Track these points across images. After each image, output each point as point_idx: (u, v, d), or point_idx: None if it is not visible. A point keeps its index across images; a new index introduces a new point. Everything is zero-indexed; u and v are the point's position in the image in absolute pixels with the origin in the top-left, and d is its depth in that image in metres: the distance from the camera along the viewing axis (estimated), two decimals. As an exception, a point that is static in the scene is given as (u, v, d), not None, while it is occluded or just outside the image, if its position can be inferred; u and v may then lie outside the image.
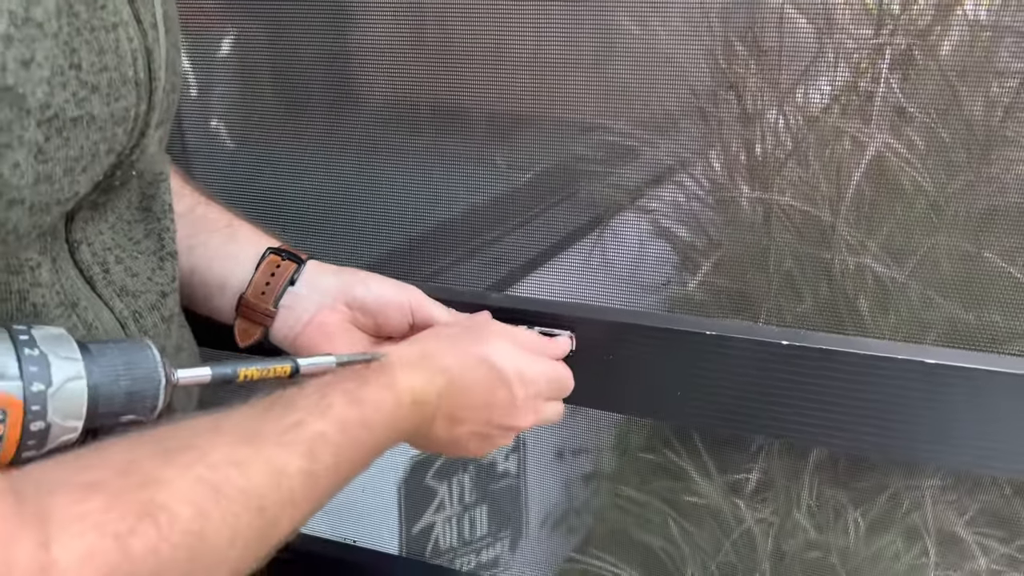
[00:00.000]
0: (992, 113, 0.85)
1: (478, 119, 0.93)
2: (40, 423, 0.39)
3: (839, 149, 0.90)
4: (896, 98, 0.86)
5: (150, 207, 0.52)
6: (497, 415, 0.59)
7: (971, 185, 0.88)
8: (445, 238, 0.94)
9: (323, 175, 0.95)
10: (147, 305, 0.52)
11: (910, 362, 0.64)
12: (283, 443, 0.43)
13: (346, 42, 0.92)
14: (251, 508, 0.40)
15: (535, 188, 0.94)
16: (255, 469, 0.41)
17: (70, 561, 0.32)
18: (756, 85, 0.88)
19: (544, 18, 0.84)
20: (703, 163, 0.94)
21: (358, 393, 0.49)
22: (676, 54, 0.84)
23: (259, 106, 0.97)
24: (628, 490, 1.12)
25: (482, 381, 0.58)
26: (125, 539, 0.34)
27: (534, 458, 1.15)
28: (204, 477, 0.39)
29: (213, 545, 0.38)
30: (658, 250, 0.97)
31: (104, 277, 0.49)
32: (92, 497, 0.34)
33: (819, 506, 1.08)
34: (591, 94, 0.91)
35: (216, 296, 0.64)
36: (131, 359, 0.43)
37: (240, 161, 0.99)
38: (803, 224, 0.92)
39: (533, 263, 0.95)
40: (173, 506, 0.36)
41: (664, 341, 0.69)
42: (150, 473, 0.37)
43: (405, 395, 0.52)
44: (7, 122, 0.36)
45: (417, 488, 1.14)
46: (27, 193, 0.38)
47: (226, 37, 0.92)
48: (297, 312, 0.63)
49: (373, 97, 0.96)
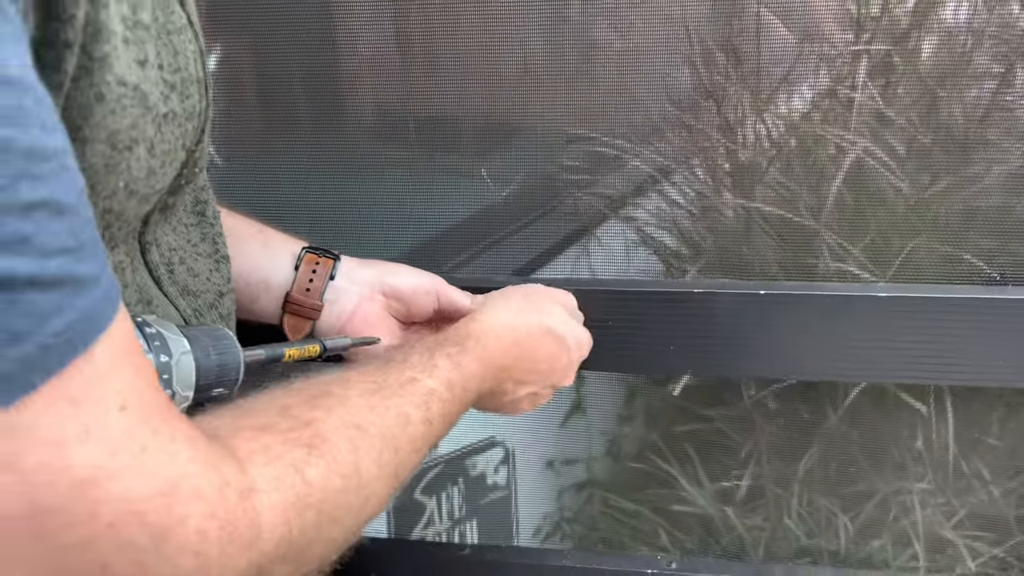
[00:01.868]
0: (970, 116, 0.87)
1: (464, 132, 0.94)
2: (168, 391, 0.44)
3: (821, 155, 0.91)
4: (876, 103, 0.87)
5: (204, 212, 0.56)
6: (556, 377, 0.68)
7: (951, 187, 0.89)
8: (425, 255, 0.94)
9: (313, 190, 0.95)
10: (206, 304, 0.56)
11: (864, 298, 0.78)
12: (403, 394, 0.49)
13: (336, 59, 0.93)
14: (388, 447, 0.45)
15: (518, 201, 0.95)
16: (387, 414, 0.47)
17: (265, 484, 0.37)
18: (736, 93, 0.89)
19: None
20: (686, 171, 0.95)
21: (458, 358, 0.56)
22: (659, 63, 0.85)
23: (248, 121, 0.97)
24: (619, 499, 1.12)
25: (548, 348, 0.66)
26: (302, 468, 0.39)
27: (524, 470, 1.15)
28: (346, 418, 0.44)
29: (365, 475, 0.43)
30: (643, 259, 0.98)
31: (169, 277, 0.52)
32: (266, 435, 0.40)
33: (809, 512, 1.08)
34: (574, 106, 0.92)
35: (262, 297, 0.68)
36: (217, 339, 0.49)
37: (229, 177, 0.99)
38: (785, 230, 0.93)
39: (520, 273, 0.95)
40: (333, 439, 0.42)
41: (657, 303, 0.80)
42: (304, 415, 0.42)
43: (492, 362, 0.60)
44: (136, 119, 0.40)
45: (406, 503, 1.13)
46: (140, 185, 0.42)
47: (215, 53, 0.93)
48: (341, 304, 0.68)
49: (360, 114, 0.97)
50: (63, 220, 0.30)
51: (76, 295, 0.31)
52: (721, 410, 1.05)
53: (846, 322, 0.78)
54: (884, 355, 0.79)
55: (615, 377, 1.09)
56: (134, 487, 0.32)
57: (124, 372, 0.33)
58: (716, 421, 1.06)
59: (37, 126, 0.30)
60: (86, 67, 0.36)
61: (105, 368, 0.32)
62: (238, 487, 0.36)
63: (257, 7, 0.89)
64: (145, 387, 0.34)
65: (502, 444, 1.15)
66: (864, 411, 1.01)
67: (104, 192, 0.41)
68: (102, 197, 0.41)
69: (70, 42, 0.35)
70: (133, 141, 0.40)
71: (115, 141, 0.39)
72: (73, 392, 0.31)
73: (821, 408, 1.02)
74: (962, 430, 0.99)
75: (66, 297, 0.30)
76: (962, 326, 0.77)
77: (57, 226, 0.30)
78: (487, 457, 1.15)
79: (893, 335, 0.78)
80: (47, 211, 0.30)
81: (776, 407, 1.03)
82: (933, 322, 0.77)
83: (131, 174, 0.41)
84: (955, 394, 0.96)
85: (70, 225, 0.31)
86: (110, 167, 0.40)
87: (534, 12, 0.85)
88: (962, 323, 0.77)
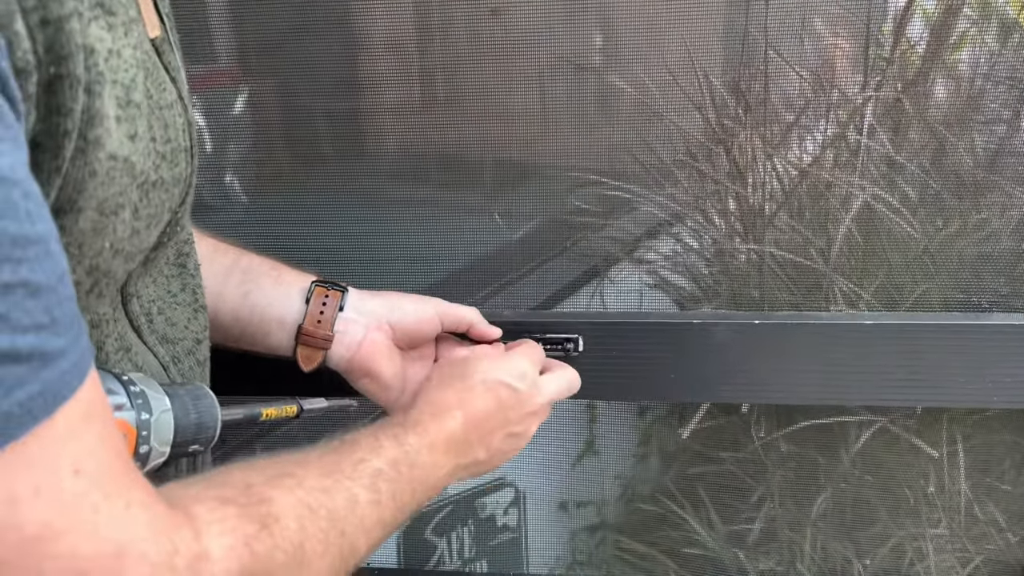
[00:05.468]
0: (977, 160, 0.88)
1: (481, 173, 0.96)
2: (145, 447, 0.47)
3: (831, 199, 0.92)
4: (885, 149, 0.88)
5: (185, 264, 0.59)
6: (514, 413, 0.68)
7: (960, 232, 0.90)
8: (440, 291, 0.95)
9: (324, 229, 0.97)
10: (184, 351, 0.59)
11: (852, 326, 0.84)
12: (353, 476, 0.51)
13: (355, 98, 0.95)
14: (336, 528, 0.48)
15: (532, 241, 0.96)
16: (337, 496, 0.49)
17: (217, 553, 0.40)
18: (746, 137, 0.90)
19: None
20: (699, 215, 0.96)
21: (402, 437, 0.58)
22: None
23: (271, 160, 0.99)
24: (630, 542, 1.11)
25: (486, 396, 0.67)
26: (252, 542, 0.42)
27: (534, 511, 1.15)
28: (303, 499, 0.47)
29: (309, 554, 0.45)
30: (656, 302, 0.99)
31: (149, 326, 0.55)
32: (225, 508, 0.42)
33: (823, 557, 1.07)
34: (590, 149, 0.93)
35: (275, 332, 0.71)
36: (197, 398, 0.52)
37: (234, 219, 1.01)
38: (796, 273, 0.94)
39: (532, 313, 0.96)
40: (283, 519, 0.44)
41: (658, 334, 0.85)
42: (264, 493, 0.45)
43: (438, 436, 0.61)
44: (124, 187, 0.43)
45: (416, 543, 1.13)
46: (125, 244, 0.46)
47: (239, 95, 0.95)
48: (351, 334, 0.71)
49: (379, 152, 0.99)
50: (39, 299, 0.33)
51: (43, 368, 0.33)
52: (733, 452, 1.05)
53: (838, 349, 0.84)
54: (872, 379, 0.84)
55: (627, 419, 1.09)
56: (80, 546, 0.35)
57: (84, 437, 0.36)
58: (728, 463, 1.05)
59: (23, 217, 0.33)
60: (82, 148, 0.40)
61: (63, 434, 0.35)
62: (188, 555, 0.38)
63: (283, 48, 0.91)
64: (105, 452, 0.37)
65: (512, 485, 1.15)
66: (876, 454, 1.00)
67: (91, 252, 0.44)
68: (89, 257, 0.44)
69: (68, 131, 0.39)
70: (119, 206, 0.44)
71: (103, 208, 0.43)
72: (30, 455, 0.33)
73: (834, 450, 1.02)
74: (975, 475, 0.98)
75: (33, 370, 0.33)
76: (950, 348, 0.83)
77: (32, 304, 0.33)
78: (497, 498, 1.15)
79: (876, 357, 0.83)
80: (24, 291, 0.33)
81: (788, 449, 1.03)
82: (931, 346, 0.83)
83: (116, 235, 0.45)
84: (967, 438, 0.96)
85: (45, 303, 0.33)
86: (97, 230, 0.43)
87: (552, 61, 0.87)
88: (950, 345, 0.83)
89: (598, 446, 1.10)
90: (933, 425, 0.97)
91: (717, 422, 1.02)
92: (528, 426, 0.70)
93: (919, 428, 0.97)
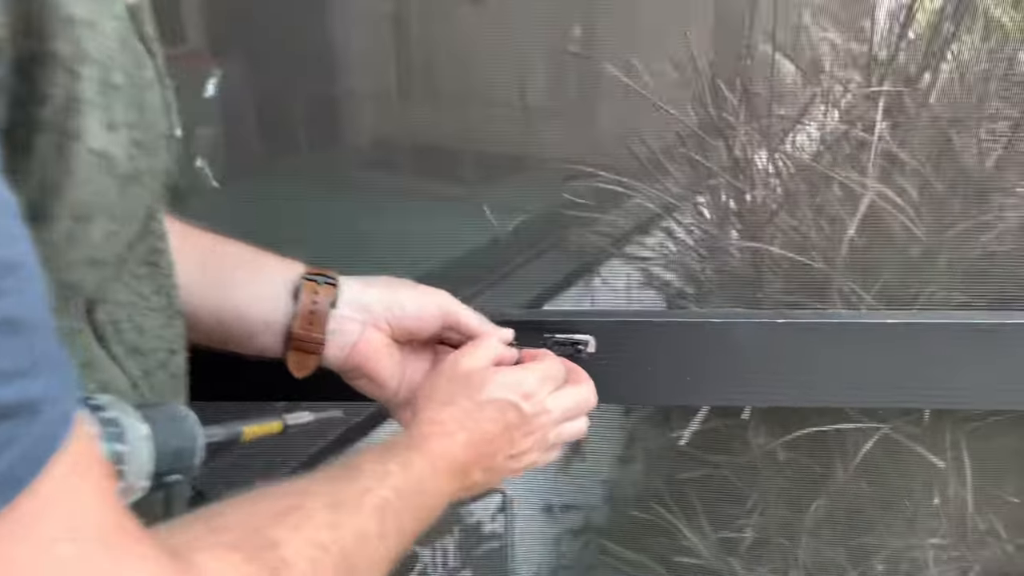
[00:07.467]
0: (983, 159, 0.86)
1: (469, 166, 0.93)
2: (122, 483, 0.42)
3: (830, 196, 0.90)
4: (887, 144, 0.86)
5: (157, 262, 0.53)
6: (518, 433, 0.64)
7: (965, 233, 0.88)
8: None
9: (314, 222, 0.94)
10: (156, 363, 0.53)
11: (875, 324, 0.81)
12: (361, 509, 0.49)
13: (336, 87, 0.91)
14: (347, 566, 0.45)
15: (521, 237, 0.93)
16: (346, 532, 0.47)
17: None
18: (746, 133, 0.88)
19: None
20: (693, 210, 0.93)
21: (408, 463, 0.55)
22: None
23: (249, 145, 0.96)
24: (619, 549, 1.08)
25: (494, 418, 0.62)
26: None
27: (521, 518, 1.12)
28: (311, 538, 0.44)
29: None
30: (647, 299, 0.96)
31: (116, 336, 0.49)
32: (232, 554, 0.40)
33: (816, 565, 1.05)
34: (579, 140, 0.91)
35: (260, 334, 0.65)
36: (176, 422, 0.47)
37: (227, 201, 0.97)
38: (793, 270, 0.92)
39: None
40: (294, 564, 0.42)
41: (675, 334, 0.80)
42: (271, 535, 0.42)
43: (442, 461, 0.58)
44: (103, 187, 0.38)
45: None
46: (100, 251, 0.41)
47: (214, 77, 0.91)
48: (345, 334, 0.66)
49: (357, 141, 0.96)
50: (19, 338, 0.29)
51: (31, 421, 0.29)
52: (726, 457, 1.02)
53: (863, 348, 0.80)
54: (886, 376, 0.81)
55: (616, 421, 1.06)
56: None
57: (78, 493, 0.32)
58: (721, 468, 1.03)
59: (3, 238, 0.28)
60: (58, 144, 0.36)
61: (56, 493, 0.31)
62: None
63: (259, 31, 0.88)
64: (102, 506, 0.33)
65: (500, 491, 1.12)
66: (876, 462, 0.98)
67: (62, 266, 0.39)
68: (59, 271, 0.39)
69: (44, 122, 0.34)
70: (97, 209, 0.39)
71: (79, 213, 0.38)
72: (20, 515, 0.30)
73: (829, 458, 1.00)
74: (979, 484, 0.96)
75: (20, 426, 0.28)
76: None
77: (12, 344, 0.28)
78: (484, 504, 1.12)
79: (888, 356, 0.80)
80: (6, 330, 0.28)
81: (785, 456, 1.00)
82: (950, 345, 0.80)
83: (92, 244, 0.40)
84: (970, 447, 0.94)
85: (27, 341, 0.29)
86: (72, 240, 0.39)
87: (542, 47, 0.85)
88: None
89: (588, 449, 1.07)
90: (936, 432, 0.96)
91: (711, 425, 0.99)
92: (528, 448, 0.65)
93: (922, 436, 0.95)
